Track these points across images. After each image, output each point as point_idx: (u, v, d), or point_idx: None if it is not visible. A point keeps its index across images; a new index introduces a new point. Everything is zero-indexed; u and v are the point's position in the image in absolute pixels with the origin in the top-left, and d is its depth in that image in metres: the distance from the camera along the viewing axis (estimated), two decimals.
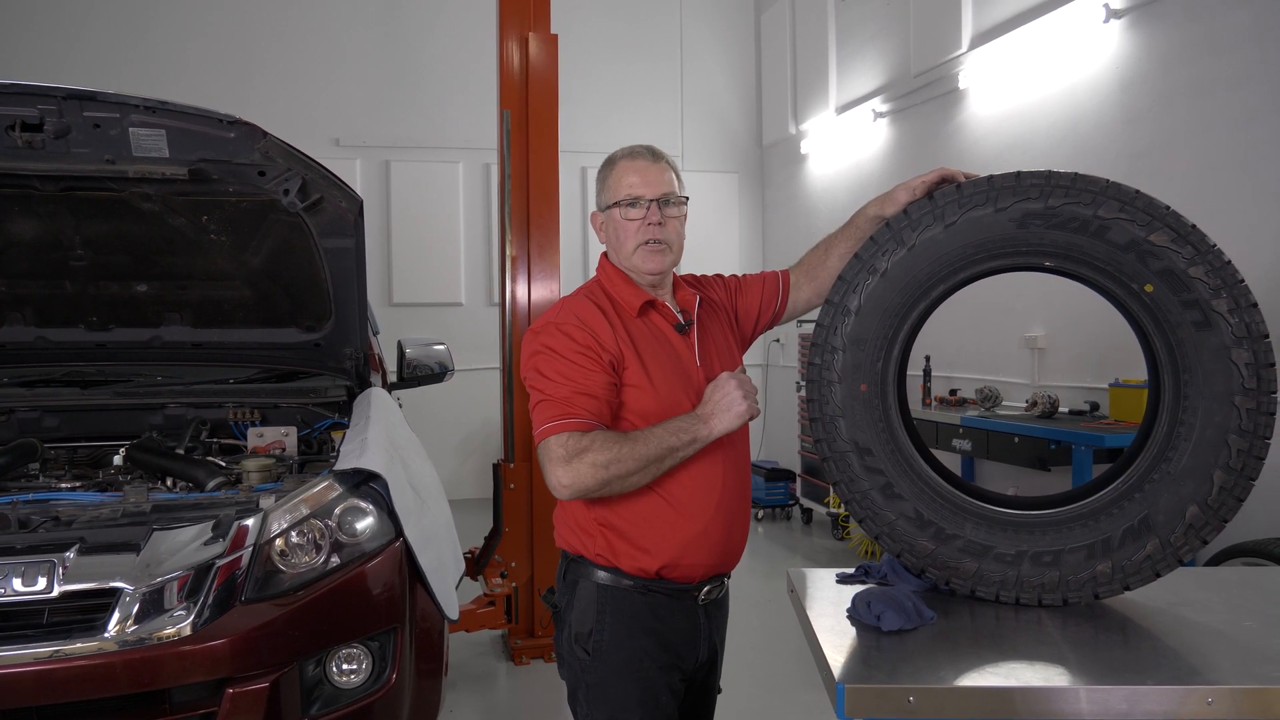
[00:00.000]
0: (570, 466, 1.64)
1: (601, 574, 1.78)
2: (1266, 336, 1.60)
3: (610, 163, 1.91)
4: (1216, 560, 3.28)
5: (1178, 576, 1.82)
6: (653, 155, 1.87)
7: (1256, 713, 1.38)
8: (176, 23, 7.46)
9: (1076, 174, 1.65)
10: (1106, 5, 4.47)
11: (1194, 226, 1.62)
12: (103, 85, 2.65)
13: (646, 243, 1.83)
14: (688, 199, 1.90)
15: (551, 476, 1.67)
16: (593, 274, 1.96)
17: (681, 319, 1.89)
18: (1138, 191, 1.63)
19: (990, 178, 1.69)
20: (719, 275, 2.09)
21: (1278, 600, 1.83)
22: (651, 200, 1.83)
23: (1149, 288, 1.62)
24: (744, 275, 2.09)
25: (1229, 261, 1.61)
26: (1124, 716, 1.39)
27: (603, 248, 1.95)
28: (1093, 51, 4.63)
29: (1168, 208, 1.63)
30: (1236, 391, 1.60)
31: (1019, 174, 1.67)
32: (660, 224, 1.83)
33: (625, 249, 1.85)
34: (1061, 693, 1.40)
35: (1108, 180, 1.64)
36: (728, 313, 2.01)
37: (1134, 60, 4.40)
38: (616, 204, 1.85)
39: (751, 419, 1.74)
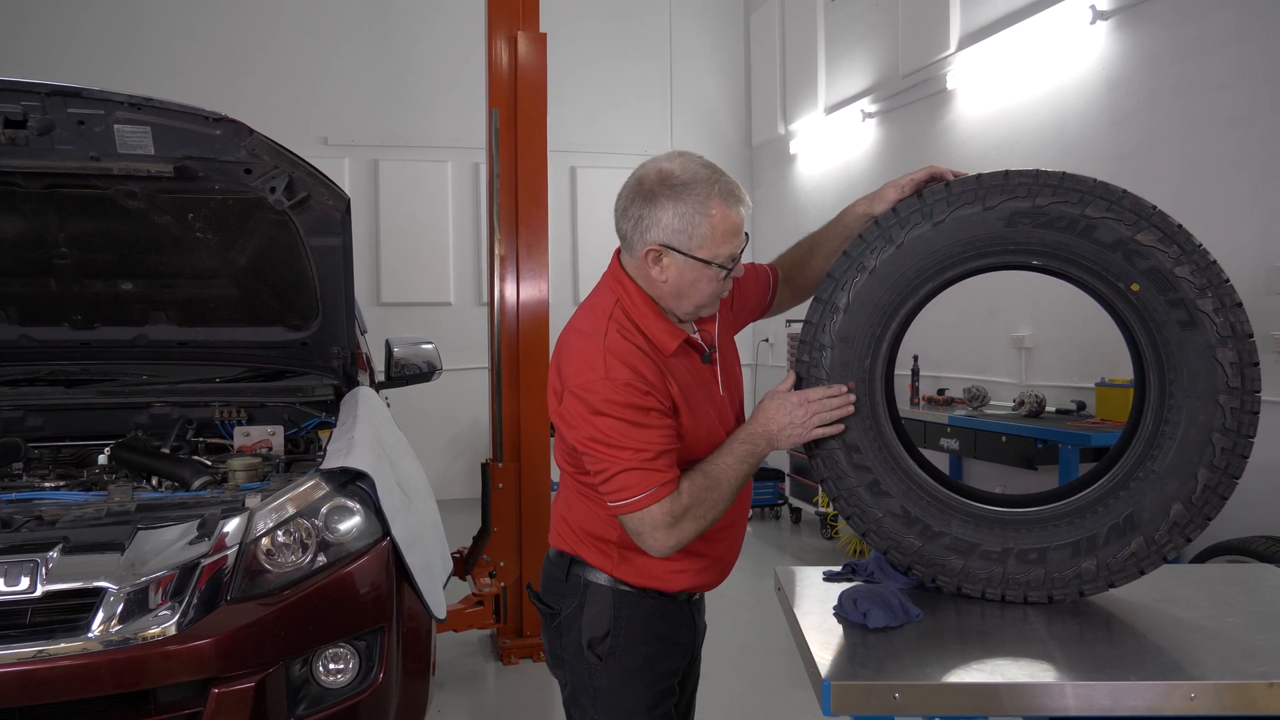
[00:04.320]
0: (676, 529, 1.60)
1: (608, 577, 1.75)
2: (1251, 336, 1.61)
3: (697, 198, 1.61)
4: (1201, 558, 3.31)
5: (1162, 573, 1.83)
6: (746, 200, 1.68)
7: (1239, 708, 1.39)
8: (168, 22, 7.42)
9: (1064, 173, 1.66)
10: (1093, 7, 4.49)
11: (1180, 226, 1.63)
12: (94, 84, 2.62)
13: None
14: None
15: (656, 542, 1.60)
16: (585, 275, 1.87)
17: (705, 348, 1.78)
18: (1125, 191, 1.64)
19: (979, 176, 1.69)
20: None
21: (1261, 596, 1.84)
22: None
23: (1135, 287, 1.63)
24: None
25: (1214, 261, 1.62)
26: (1108, 712, 1.40)
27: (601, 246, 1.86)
28: (1080, 53, 4.65)
29: (1154, 207, 1.64)
30: (1221, 390, 1.61)
31: (1007, 173, 1.67)
32: None
33: (690, 303, 1.69)
34: (1046, 688, 1.41)
35: (1095, 179, 1.65)
36: (726, 308, 1.92)
37: (1120, 61, 4.43)
38: (713, 264, 1.64)
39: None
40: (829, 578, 1.90)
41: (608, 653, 1.73)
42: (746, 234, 1.70)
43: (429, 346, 3.93)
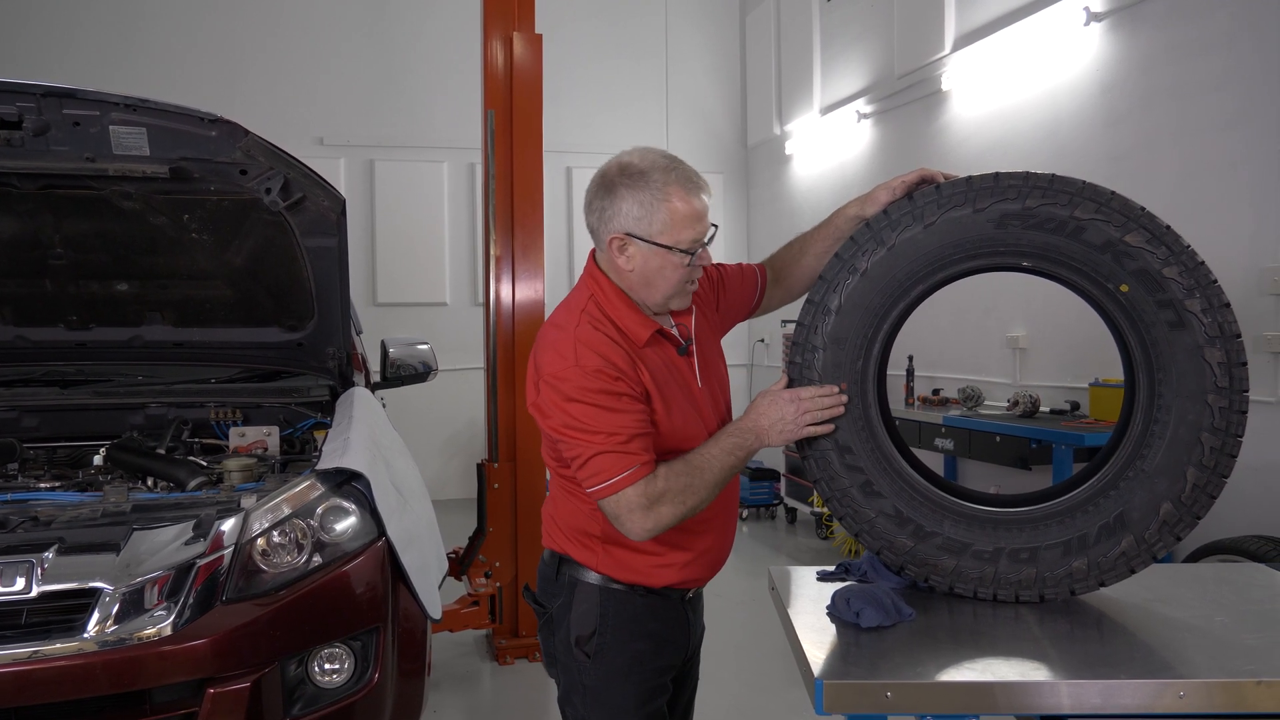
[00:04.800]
0: (653, 512, 1.61)
1: (597, 576, 1.76)
2: (1239, 336, 1.63)
3: (655, 185, 1.66)
4: (1194, 558, 3.32)
5: (1153, 572, 1.84)
6: (707, 188, 1.70)
7: (1228, 706, 1.40)
8: (166, 22, 7.43)
9: (1053, 175, 1.67)
10: (1087, 9, 4.51)
11: (1168, 227, 1.64)
12: (93, 84, 2.62)
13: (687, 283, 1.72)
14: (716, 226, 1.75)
15: (633, 525, 1.62)
16: (577, 275, 1.87)
17: (681, 340, 1.79)
18: (1113, 193, 1.65)
19: (969, 179, 1.70)
20: None
21: (1251, 595, 1.85)
22: (706, 244, 1.70)
23: (1124, 288, 1.65)
24: (723, 266, 2.00)
25: (1202, 262, 1.63)
26: (1099, 710, 1.41)
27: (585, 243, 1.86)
28: (1074, 54, 4.67)
29: (1143, 209, 1.65)
30: (1210, 390, 1.63)
31: (997, 175, 1.68)
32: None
33: (659, 292, 1.71)
34: (1038, 687, 1.42)
35: (1084, 181, 1.66)
36: (711, 307, 1.94)
37: (1114, 63, 4.44)
38: (675, 249, 1.67)
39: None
40: (823, 577, 1.91)
41: (596, 650, 1.74)
42: (715, 224, 1.73)
43: (425, 347, 3.93)
